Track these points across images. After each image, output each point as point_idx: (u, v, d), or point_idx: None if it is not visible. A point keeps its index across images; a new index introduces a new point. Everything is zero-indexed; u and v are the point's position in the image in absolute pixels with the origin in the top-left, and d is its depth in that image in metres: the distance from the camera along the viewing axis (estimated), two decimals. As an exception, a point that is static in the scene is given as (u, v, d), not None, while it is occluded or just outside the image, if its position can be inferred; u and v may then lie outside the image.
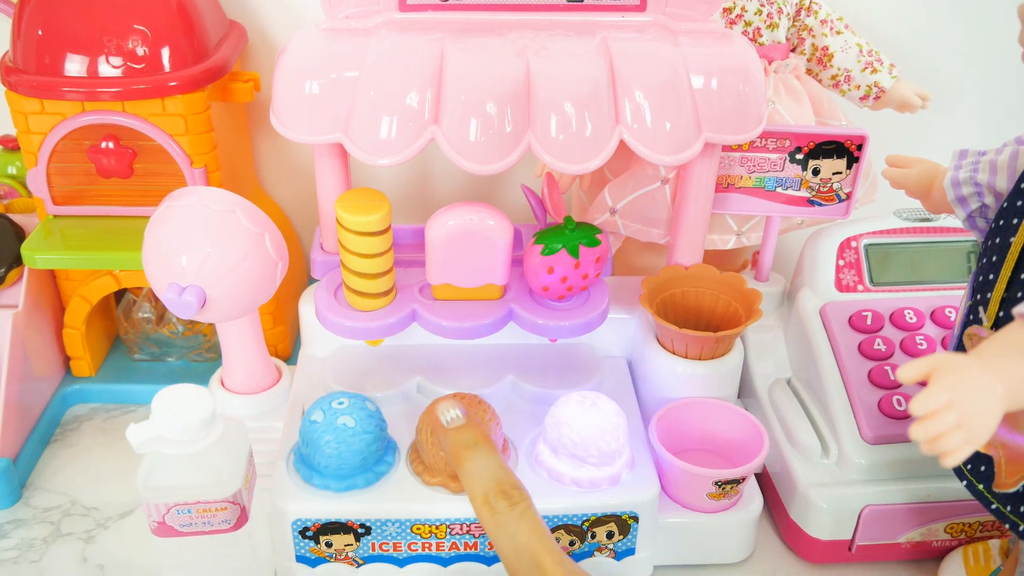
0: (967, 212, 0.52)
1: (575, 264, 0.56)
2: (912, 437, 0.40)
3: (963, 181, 0.51)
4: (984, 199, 0.51)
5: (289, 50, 0.55)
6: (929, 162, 0.56)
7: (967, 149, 0.53)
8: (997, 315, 0.46)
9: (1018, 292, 0.45)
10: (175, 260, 0.53)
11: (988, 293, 0.47)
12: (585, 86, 0.52)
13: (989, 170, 0.50)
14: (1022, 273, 0.45)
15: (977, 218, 0.52)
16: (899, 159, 0.58)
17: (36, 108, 0.64)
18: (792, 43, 0.69)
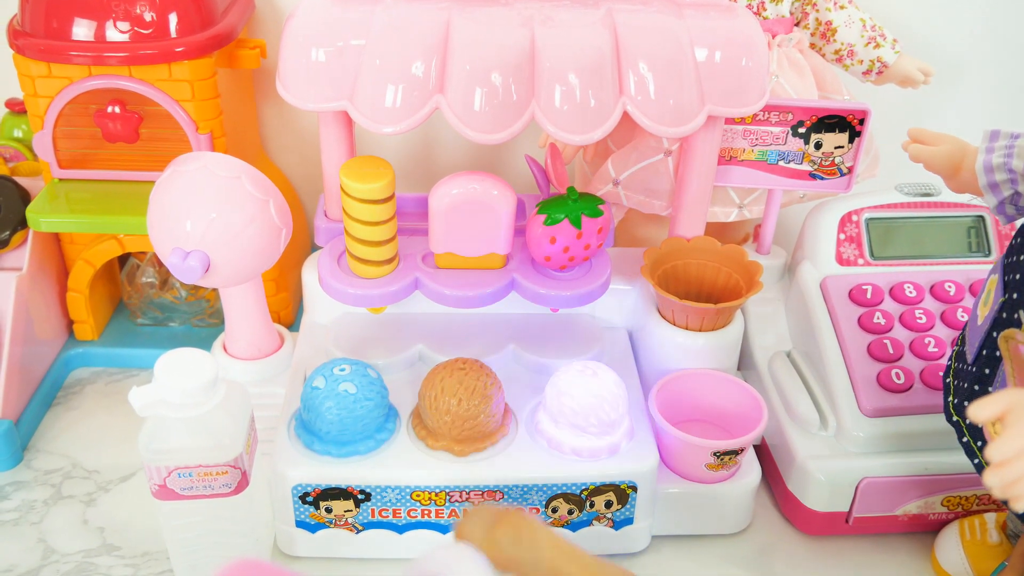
0: (999, 199, 0.50)
1: (577, 234, 0.57)
2: (986, 483, 0.39)
3: (996, 167, 0.50)
4: (1018, 187, 0.49)
5: (296, 17, 0.55)
6: (957, 140, 0.54)
7: (999, 130, 0.51)
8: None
9: None
10: (180, 225, 0.53)
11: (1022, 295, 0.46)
12: (589, 57, 0.52)
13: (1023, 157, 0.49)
14: None
15: (1007, 205, 0.50)
16: (925, 135, 0.55)
17: (43, 72, 0.64)
18: (796, 17, 0.69)
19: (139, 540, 0.59)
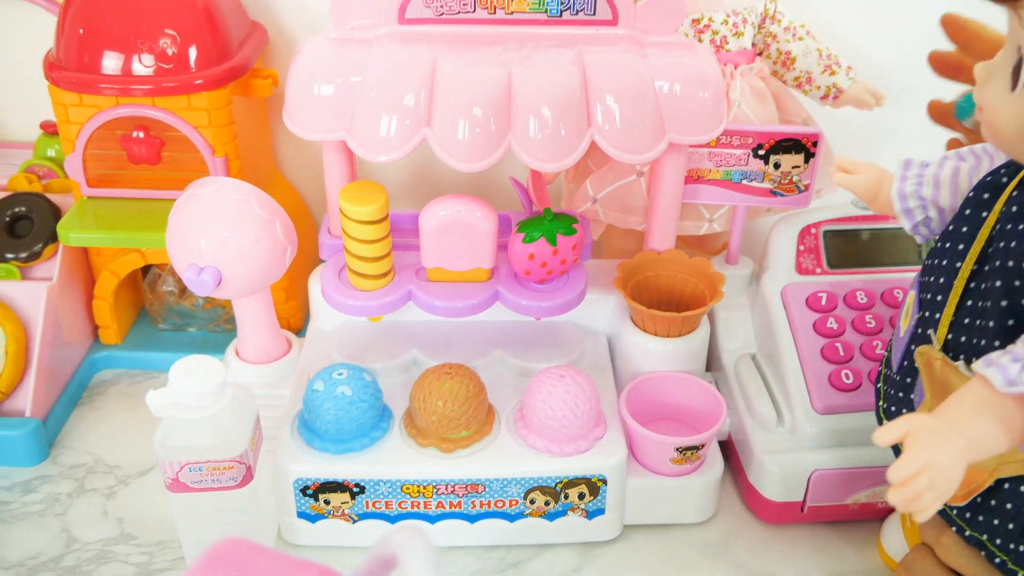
0: (913, 223, 0.55)
1: (553, 251, 0.63)
2: (890, 501, 0.43)
3: (909, 194, 0.55)
4: (928, 212, 0.54)
5: (301, 57, 0.61)
6: (877, 168, 0.58)
7: (911, 160, 0.56)
8: (946, 338, 0.49)
9: (965, 318, 0.48)
10: (195, 243, 0.60)
11: (937, 314, 0.50)
12: (561, 92, 0.58)
13: (932, 185, 0.54)
14: (969, 299, 0.48)
15: (921, 227, 0.55)
16: (848, 164, 0.59)
17: (75, 101, 0.70)
18: (758, 48, 0.75)
19: (154, 530, 0.64)
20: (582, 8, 0.62)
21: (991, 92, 0.45)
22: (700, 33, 0.71)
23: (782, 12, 0.75)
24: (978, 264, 0.48)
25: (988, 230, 0.48)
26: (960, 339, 0.49)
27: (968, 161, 0.54)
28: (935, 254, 0.52)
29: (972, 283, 0.49)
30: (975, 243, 0.49)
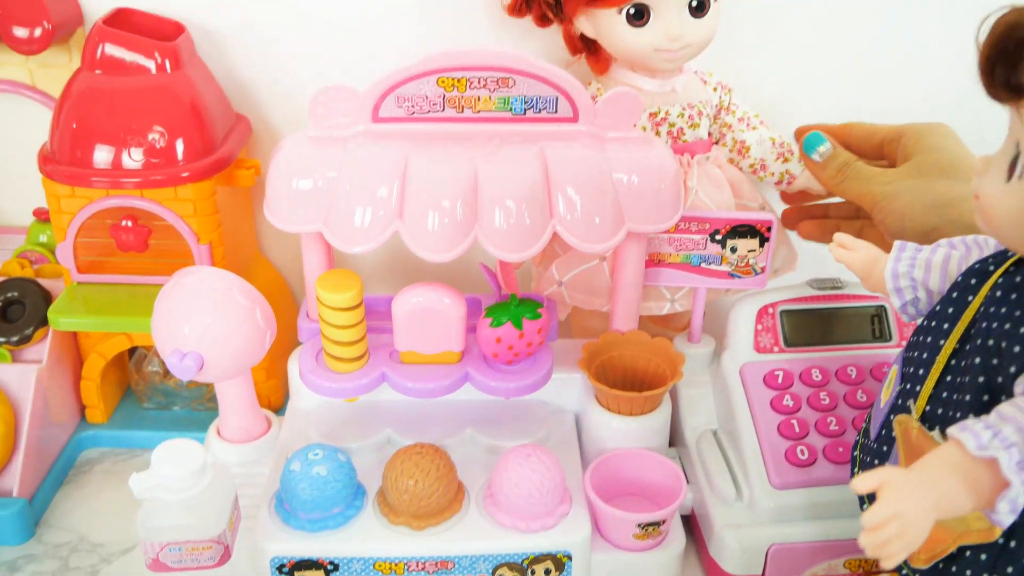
0: (902, 302, 0.59)
1: (520, 335, 0.66)
2: (861, 544, 0.45)
3: (901, 274, 0.58)
4: (917, 292, 0.58)
5: (280, 153, 0.65)
6: (872, 247, 0.62)
7: (906, 243, 0.59)
8: (924, 409, 0.52)
9: (944, 392, 0.51)
10: (179, 329, 0.63)
11: (918, 387, 0.54)
12: (524, 186, 0.62)
13: (924, 268, 0.57)
14: (949, 375, 0.52)
15: (909, 306, 0.59)
16: (847, 241, 0.63)
17: (67, 192, 0.74)
18: (715, 137, 0.79)
19: (136, 607, 0.66)
20: (544, 107, 0.66)
21: (987, 182, 0.48)
22: (658, 126, 0.75)
23: (736, 104, 0.79)
24: (960, 343, 0.52)
25: (972, 312, 0.52)
26: (938, 411, 0.52)
27: (959, 250, 0.57)
28: (921, 332, 0.56)
29: (953, 360, 0.52)
30: (959, 323, 0.52)
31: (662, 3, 0.69)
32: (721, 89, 0.78)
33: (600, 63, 0.76)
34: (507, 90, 0.65)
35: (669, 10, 0.69)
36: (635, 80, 0.74)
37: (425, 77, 0.64)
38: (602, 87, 0.76)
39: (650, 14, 0.69)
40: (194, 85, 0.75)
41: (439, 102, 0.65)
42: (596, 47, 0.75)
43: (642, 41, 0.70)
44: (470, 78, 0.65)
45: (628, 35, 0.70)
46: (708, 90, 0.78)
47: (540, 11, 0.75)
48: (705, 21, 0.71)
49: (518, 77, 0.65)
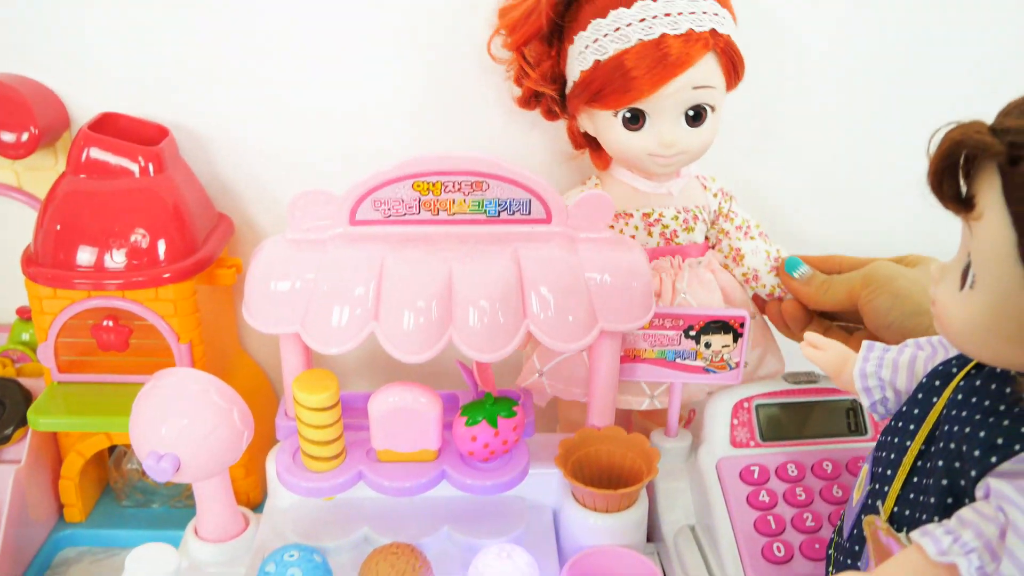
0: (871, 401, 0.59)
1: (495, 433, 0.67)
2: None
3: (869, 374, 0.59)
4: (886, 392, 0.59)
5: (259, 256, 0.67)
6: (843, 347, 0.63)
7: (875, 343, 0.61)
8: (892, 509, 0.53)
9: (911, 493, 0.52)
10: (156, 431, 0.63)
11: (886, 487, 0.54)
12: (498, 286, 0.64)
13: (891, 368, 0.58)
14: (915, 476, 0.52)
15: (878, 406, 0.59)
16: (818, 341, 0.64)
17: (49, 294, 0.75)
18: (711, 241, 0.81)
19: None
20: (518, 209, 0.68)
21: (943, 290, 0.49)
22: (651, 227, 0.77)
23: (736, 211, 0.80)
24: (926, 444, 0.53)
25: (936, 414, 0.52)
26: (905, 512, 0.52)
27: (925, 350, 0.58)
28: (889, 432, 0.56)
29: (919, 461, 0.53)
30: (924, 425, 0.53)
31: (658, 110, 0.71)
32: (722, 196, 0.80)
33: (602, 159, 0.78)
34: (481, 193, 0.67)
35: (665, 117, 0.71)
36: (632, 180, 0.76)
37: (401, 181, 0.66)
38: (600, 183, 0.78)
39: (646, 119, 0.71)
40: (177, 187, 0.76)
41: (415, 205, 0.67)
42: (598, 144, 0.77)
43: (636, 144, 0.72)
44: (445, 182, 0.67)
45: (623, 137, 0.72)
46: (708, 195, 0.79)
47: (547, 106, 0.77)
48: (701, 130, 0.73)
49: (492, 181, 0.67)
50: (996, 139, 0.42)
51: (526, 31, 0.72)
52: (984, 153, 0.43)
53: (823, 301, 0.76)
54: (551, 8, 0.71)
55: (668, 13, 0.67)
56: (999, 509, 0.45)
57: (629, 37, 0.68)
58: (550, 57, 0.74)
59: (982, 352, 0.48)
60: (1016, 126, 0.42)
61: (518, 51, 0.74)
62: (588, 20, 0.69)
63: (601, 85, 0.69)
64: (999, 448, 0.47)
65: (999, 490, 0.45)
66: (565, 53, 0.73)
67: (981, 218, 0.44)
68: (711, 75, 0.70)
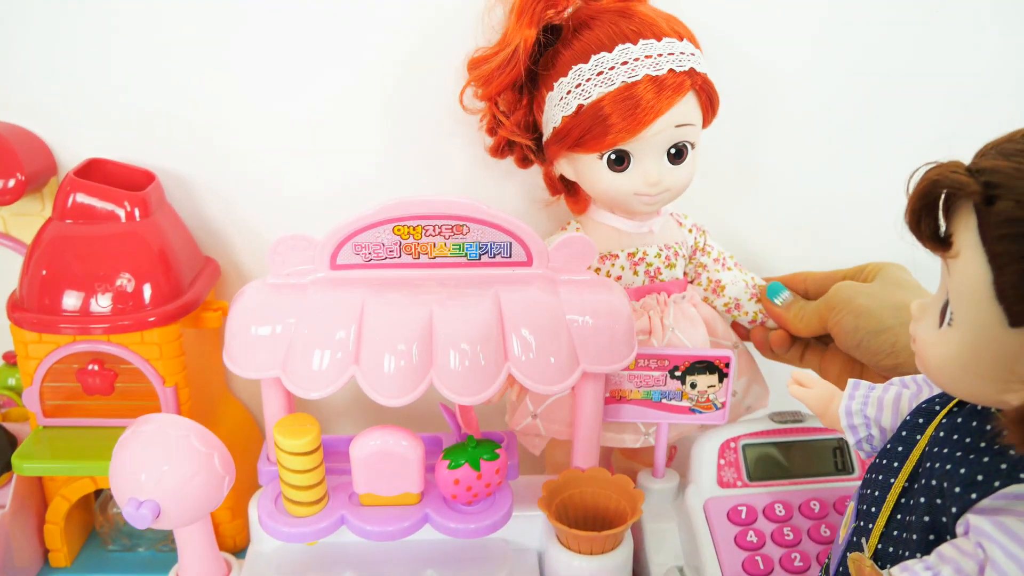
0: (857, 439, 0.60)
1: (477, 476, 0.66)
2: None
3: (855, 412, 0.60)
4: (871, 430, 0.59)
5: (240, 301, 0.67)
6: (829, 385, 0.63)
7: (860, 381, 0.61)
8: (876, 546, 0.53)
9: (894, 530, 0.52)
10: (135, 477, 0.63)
11: (870, 524, 0.54)
12: (478, 328, 0.64)
13: (876, 406, 0.59)
14: (899, 513, 0.52)
15: (864, 443, 0.60)
16: (804, 378, 0.65)
17: (35, 339, 0.75)
18: (690, 277, 0.81)
19: None
20: (499, 252, 0.68)
21: (923, 327, 0.49)
22: (636, 265, 0.77)
23: (712, 245, 0.81)
24: (909, 481, 0.53)
25: (920, 451, 0.53)
26: (889, 549, 0.52)
27: (910, 388, 0.59)
28: (873, 469, 0.56)
29: (903, 498, 0.53)
30: (908, 462, 0.53)
31: (642, 150, 0.71)
32: (696, 231, 0.81)
33: (579, 204, 0.79)
34: (462, 237, 0.67)
35: (648, 157, 0.72)
36: (613, 221, 0.77)
37: (381, 226, 0.66)
38: (582, 227, 0.78)
39: (630, 160, 0.72)
40: (162, 232, 0.77)
41: (395, 249, 0.67)
42: (575, 188, 0.78)
43: (623, 185, 0.72)
44: (425, 226, 0.67)
45: (609, 179, 0.72)
46: (684, 231, 0.80)
47: (521, 153, 0.78)
48: (683, 167, 0.73)
49: (472, 224, 0.67)
50: (972, 179, 0.43)
51: (502, 81, 0.72)
52: (960, 192, 0.43)
53: (800, 328, 0.77)
54: (528, 56, 0.71)
55: (649, 55, 0.68)
56: (978, 545, 0.45)
57: (613, 80, 0.68)
58: (523, 106, 0.74)
59: (959, 388, 0.48)
60: (991, 166, 0.43)
61: (491, 101, 0.75)
62: (569, 66, 0.70)
63: (584, 130, 0.69)
64: (979, 484, 0.47)
65: (978, 526, 0.45)
66: (540, 100, 0.73)
67: (958, 256, 0.45)
68: (691, 113, 0.71)
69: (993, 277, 0.42)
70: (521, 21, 0.71)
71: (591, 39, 0.69)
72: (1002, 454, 0.47)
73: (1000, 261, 0.42)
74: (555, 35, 0.72)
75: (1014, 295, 0.41)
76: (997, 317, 0.43)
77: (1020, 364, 0.43)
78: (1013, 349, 0.43)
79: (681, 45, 0.69)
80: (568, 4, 0.72)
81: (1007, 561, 0.44)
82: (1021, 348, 0.42)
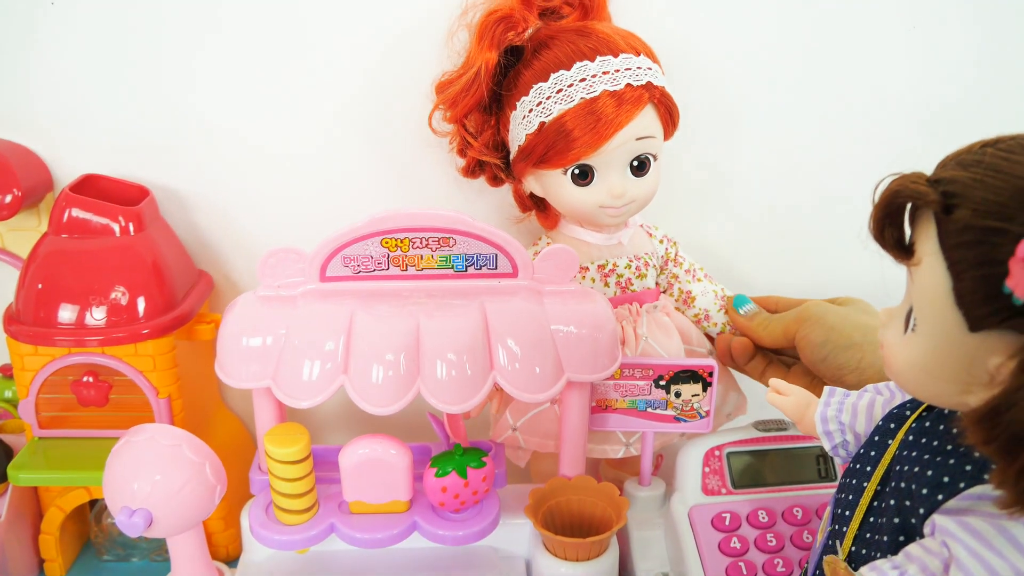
0: (832, 444, 0.61)
1: (465, 483, 0.68)
2: None
3: (830, 418, 0.61)
4: (846, 435, 0.60)
5: (231, 313, 0.68)
6: (806, 393, 0.65)
7: (836, 388, 0.63)
8: (850, 549, 0.54)
9: (867, 532, 0.53)
10: (128, 486, 0.64)
11: (844, 527, 0.56)
12: (464, 338, 0.65)
13: (851, 412, 0.60)
14: (871, 516, 0.54)
15: (839, 449, 0.61)
16: (782, 386, 0.66)
17: (31, 351, 0.76)
18: (663, 287, 0.83)
19: None
20: (485, 263, 0.70)
21: (890, 333, 0.50)
22: (607, 277, 0.79)
23: (683, 256, 0.83)
24: (881, 485, 0.54)
25: (891, 455, 0.54)
26: (862, 551, 0.53)
27: (884, 395, 0.60)
28: (848, 474, 0.58)
29: (875, 501, 0.54)
30: (880, 466, 0.54)
31: (605, 163, 0.73)
32: (667, 242, 0.82)
33: (549, 219, 0.80)
34: (448, 249, 0.69)
35: (612, 170, 0.73)
36: (583, 234, 0.78)
37: (370, 238, 0.68)
38: (552, 242, 0.80)
39: (594, 174, 0.73)
40: (156, 245, 0.78)
41: (384, 261, 0.69)
42: (545, 205, 0.79)
43: (587, 199, 0.74)
44: (412, 238, 0.68)
45: (574, 193, 0.74)
46: (654, 242, 0.82)
47: (492, 173, 0.80)
48: (646, 179, 0.75)
49: (458, 237, 0.68)
50: (931, 189, 0.44)
51: (467, 103, 0.74)
52: (920, 202, 0.45)
53: (763, 337, 0.79)
54: (490, 78, 0.73)
55: (606, 71, 0.70)
56: (943, 544, 0.46)
57: (572, 97, 0.70)
58: (490, 126, 0.76)
59: (922, 391, 0.49)
60: (950, 176, 0.44)
61: (459, 123, 0.77)
62: (529, 85, 0.72)
63: (547, 147, 0.71)
64: (945, 486, 0.48)
65: (943, 526, 0.47)
66: (506, 120, 0.75)
67: (920, 264, 0.46)
68: (651, 126, 0.73)
69: (952, 283, 0.44)
70: (482, 44, 0.73)
71: (550, 58, 0.71)
72: (967, 456, 0.48)
73: (958, 268, 0.43)
74: (516, 57, 0.74)
75: (972, 300, 0.43)
76: (957, 322, 0.44)
77: (978, 367, 0.44)
78: (972, 353, 0.44)
79: (638, 60, 0.71)
80: (527, 26, 0.74)
81: (971, 559, 0.45)
82: (979, 352, 0.44)
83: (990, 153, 0.45)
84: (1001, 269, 0.41)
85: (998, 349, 0.43)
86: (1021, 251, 0.40)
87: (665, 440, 0.83)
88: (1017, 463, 0.41)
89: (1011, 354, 0.41)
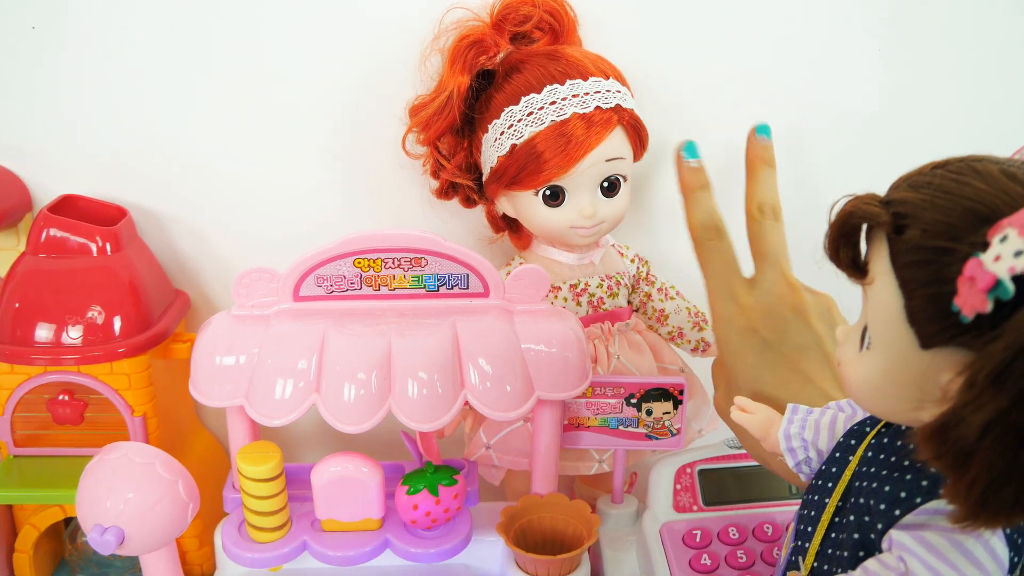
0: (795, 461, 0.61)
1: (436, 501, 0.68)
2: None
3: (793, 435, 0.61)
4: (808, 452, 0.60)
5: (205, 332, 0.69)
6: (770, 410, 0.64)
7: (799, 406, 0.62)
8: (812, 565, 0.55)
9: (828, 548, 0.54)
10: (100, 504, 0.64)
11: (807, 543, 0.56)
12: (435, 357, 0.66)
13: (814, 429, 0.60)
14: (832, 532, 0.54)
15: (803, 465, 0.61)
16: (747, 404, 0.65)
17: (7, 369, 0.77)
18: (635, 305, 0.84)
19: None
20: (456, 283, 0.71)
21: (845, 351, 0.51)
22: (579, 296, 0.80)
23: (655, 275, 0.84)
24: (842, 501, 0.55)
25: (851, 471, 0.54)
26: (824, 567, 0.54)
27: (846, 412, 0.61)
28: (810, 490, 0.58)
29: (836, 517, 0.54)
30: (840, 482, 0.55)
31: (576, 184, 0.74)
32: (639, 261, 0.83)
33: (522, 240, 0.81)
34: (420, 269, 0.70)
35: (582, 191, 0.74)
36: (555, 254, 0.79)
37: (343, 259, 0.69)
38: (525, 262, 0.81)
39: (565, 195, 0.74)
40: (133, 265, 0.79)
41: (356, 281, 0.70)
42: (517, 225, 0.80)
43: (559, 219, 0.75)
44: (385, 259, 0.69)
45: (545, 214, 0.75)
46: (626, 262, 0.83)
47: (465, 194, 0.81)
48: (616, 200, 0.76)
49: (430, 257, 0.69)
50: (883, 210, 0.46)
51: (440, 125, 0.76)
52: (872, 222, 0.46)
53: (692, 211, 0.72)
54: (462, 101, 0.74)
55: (576, 94, 0.71)
56: (900, 559, 0.47)
57: (543, 119, 0.71)
58: (463, 148, 0.77)
59: (877, 407, 0.50)
60: (901, 198, 0.46)
61: (432, 146, 0.78)
62: (501, 108, 0.73)
63: (519, 168, 0.72)
64: (902, 501, 0.49)
65: (900, 541, 0.47)
66: (478, 142, 0.76)
67: (874, 283, 0.47)
68: (621, 147, 0.74)
69: (904, 302, 0.45)
70: (454, 68, 0.74)
71: (521, 82, 0.73)
72: (923, 472, 0.49)
73: (909, 287, 0.44)
74: (488, 80, 0.76)
75: (923, 318, 0.44)
76: (910, 339, 0.45)
77: (930, 383, 0.45)
78: (924, 369, 0.45)
79: (607, 83, 0.73)
80: (499, 50, 0.75)
81: (926, 573, 0.46)
82: (931, 369, 0.45)
83: (940, 175, 0.46)
84: (950, 288, 0.42)
85: (948, 366, 0.44)
86: (968, 270, 0.41)
87: (639, 457, 0.83)
88: (967, 477, 0.42)
89: (959, 371, 0.43)
